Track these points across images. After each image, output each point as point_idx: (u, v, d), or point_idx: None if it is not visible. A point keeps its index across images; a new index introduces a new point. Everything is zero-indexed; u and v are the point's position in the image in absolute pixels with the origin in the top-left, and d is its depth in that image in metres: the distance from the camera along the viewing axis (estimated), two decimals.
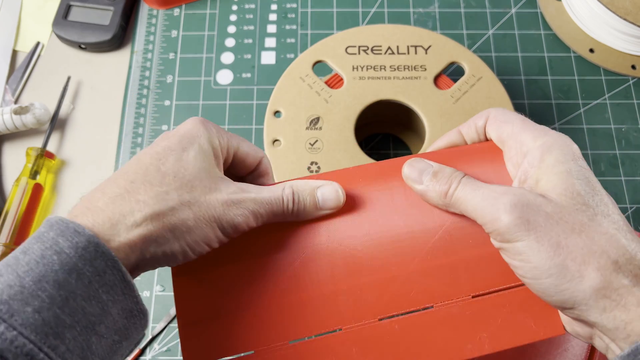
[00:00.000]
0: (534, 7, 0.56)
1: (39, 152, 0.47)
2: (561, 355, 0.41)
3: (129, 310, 0.23)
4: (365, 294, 0.27)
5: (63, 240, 0.21)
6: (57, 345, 0.20)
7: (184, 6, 0.57)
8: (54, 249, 0.21)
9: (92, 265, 0.22)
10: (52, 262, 0.21)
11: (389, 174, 0.29)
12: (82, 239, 0.22)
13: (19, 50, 0.55)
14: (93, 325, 0.21)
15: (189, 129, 0.26)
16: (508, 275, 0.26)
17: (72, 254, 0.21)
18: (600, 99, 0.52)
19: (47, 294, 0.20)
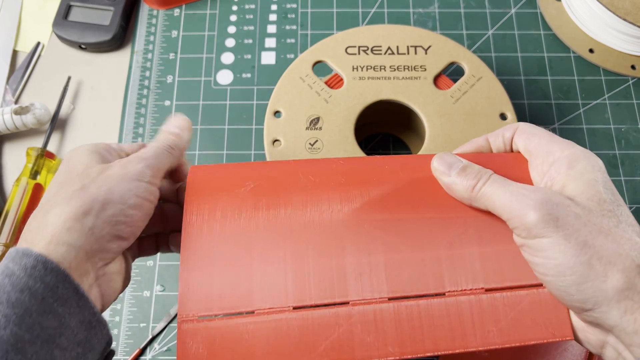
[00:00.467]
0: (534, 7, 0.56)
1: (39, 152, 0.47)
2: (561, 355, 0.41)
3: (88, 322, 0.24)
4: (376, 272, 0.27)
5: (13, 264, 0.23)
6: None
7: (184, 6, 0.57)
8: (5, 273, 0.23)
9: (43, 282, 0.23)
10: (4, 285, 0.22)
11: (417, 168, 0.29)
12: (31, 259, 0.23)
13: (19, 51, 0.55)
14: (53, 338, 0.22)
15: (65, 156, 0.29)
16: (524, 273, 0.27)
17: (21, 275, 0.22)
18: (600, 99, 0.52)
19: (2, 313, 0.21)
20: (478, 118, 0.41)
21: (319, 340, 0.25)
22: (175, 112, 0.32)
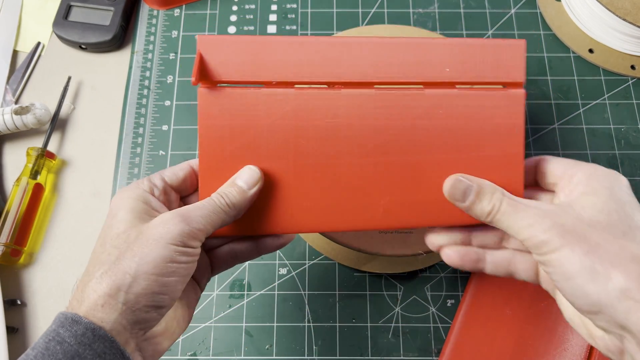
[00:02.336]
0: (534, 7, 0.56)
1: (39, 152, 0.47)
2: (560, 354, 0.41)
3: None
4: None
5: (63, 331, 0.24)
6: None
7: (184, 6, 0.57)
8: (56, 339, 0.24)
9: (92, 349, 0.24)
10: (56, 352, 0.23)
11: None
12: (80, 327, 0.24)
13: (19, 51, 0.55)
14: None
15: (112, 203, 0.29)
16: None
17: (72, 342, 0.24)
18: (600, 99, 0.52)
19: None
20: None
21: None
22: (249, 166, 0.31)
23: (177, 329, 0.29)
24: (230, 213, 0.28)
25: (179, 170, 0.31)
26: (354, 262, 0.45)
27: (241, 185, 0.29)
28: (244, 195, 0.29)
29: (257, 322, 0.44)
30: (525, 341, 0.42)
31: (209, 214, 0.27)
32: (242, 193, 0.29)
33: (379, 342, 0.44)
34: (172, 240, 0.26)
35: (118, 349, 0.24)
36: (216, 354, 0.43)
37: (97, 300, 0.25)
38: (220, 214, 0.28)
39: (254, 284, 0.45)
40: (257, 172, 0.30)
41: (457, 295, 0.45)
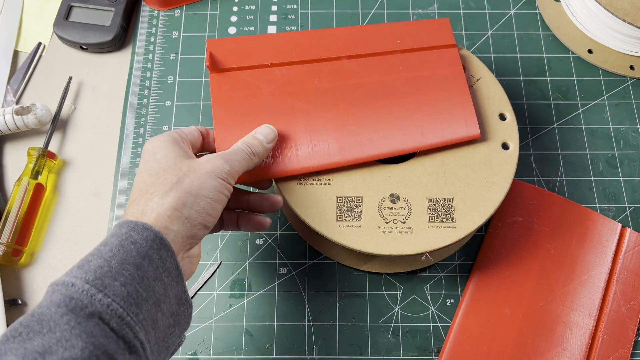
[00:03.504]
0: (533, 7, 0.56)
1: (40, 152, 0.48)
2: (560, 354, 0.42)
3: (180, 298, 0.29)
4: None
5: (136, 234, 0.28)
6: (137, 312, 0.26)
7: (185, 7, 0.57)
8: (130, 240, 0.27)
9: (158, 254, 0.28)
10: (130, 250, 0.27)
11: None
12: (151, 233, 0.28)
13: (20, 51, 0.55)
14: (159, 302, 0.27)
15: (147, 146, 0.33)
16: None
17: (144, 244, 0.27)
18: (599, 100, 0.52)
19: (129, 272, 0.26)
20: (478, 118, 0.41)
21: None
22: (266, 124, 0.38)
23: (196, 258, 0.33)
24: (253, 160, 0.35)
25: (194, 130, 0.37)
26: (354, 262, 0.45)
27: (261, 138, 0.36)
28: (263, 147, 0.35)
29: (257, 321, 0.44)
30: (524, 341, 0.42)
31: (241, 159, 0.33)
32: (261, 145, 0.35)
33: (379, 342, 0.44)
34: (220, 174, 0.31)
35: (175, 261, 0.28)
36: (216, 353, 0.43)
37: (164, 212, 0.29)
38: (248, 161, 0.34)
39: (254, 283, 0.46)
40: (274, 129, 0.37)
41: (457, 294, 0.45)
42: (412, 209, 0.38)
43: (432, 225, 0.37)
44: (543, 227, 0.46)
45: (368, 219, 0.37)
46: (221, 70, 0.40)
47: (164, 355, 0.29)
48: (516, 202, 0.46)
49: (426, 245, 0.37)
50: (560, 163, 0.50)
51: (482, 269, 0.44)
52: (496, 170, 0.39)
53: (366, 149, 0.38)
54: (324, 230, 0.37)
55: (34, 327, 0.23)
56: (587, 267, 0.44)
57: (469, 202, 0.38)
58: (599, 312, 0.43)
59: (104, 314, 0.24)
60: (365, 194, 0.38)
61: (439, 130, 0.39)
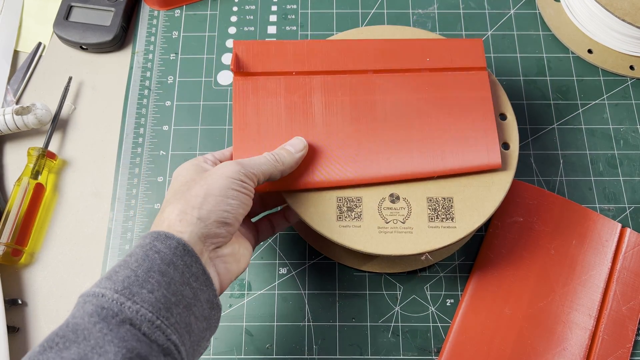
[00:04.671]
0: (533, 8, 0.56)
1: (40, 152, 0.48)
2: (560, 354, 0.42)
3: (211, 302, 0.30)
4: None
5: (159, 244, 0.29)
6: (168, 316, 0.27)
7: (185, 7, 0.57)
8: (154, 250, 0.29)
9: (182, 260, 0.29)
10: (155, 259, 0.28)
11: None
12: (173, 242, 0.29)
13: (20, 51, 0.55)
14: (190, 306, 0.28)
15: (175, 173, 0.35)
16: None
17: (167, 252, 0.28)
18: (599, 100, 0.52)
19: (155, 279, 0.27)
20: None
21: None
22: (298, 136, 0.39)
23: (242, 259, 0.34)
24: (278, 167, 0.35)
25: (227, 151, 0.39)
26: (354, 262, 0.45)
27: (289, 148, 0.37)
28: (291, 156, 0.36)
29: (257, 321, 0.44)
30: (524, 341, 0.42)
31: (260, 164, 0.34)
32: (289, 154, 0.36)
33: (379, 342, 0.44)
34: (231, 175, 0.32)
35: (201, 265, 0.29)
36: (216, 353, 0.43)
37: (175, 218, 0.30)
38: (269, 166, 0.35)
39: (254, 283, 0.46)
40: (304, 140, 0.38)
41: (457, 294, 0.45)
42: (412, 209, 0.38)
43: (432, 225, 0.37)
44: (543, 227, 0.46)
45: (368, 219, 0.37)
46: (245, 74, 0.39)
47: (197, 358, 0.30)
48: (516, 202, 0.46)
49: (426, 245, 0.37)
50: (560, 163, 0.50)
51: (482, 269, 0.44)
52: (496, 170, 0.39)
53: (383, 169, 0.38)
54: (324, 230, 0.37)
55: (69, 336, 0.25)
56: (587, 267, 0.44)
57: (468, 202, 0.38)
58: (599, 312, 0.43)
59: (134, 319, 0.26)
60: (365, 194, 0.38)
61: (459, 156, 0.39)
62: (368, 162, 0.38)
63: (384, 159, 0.38)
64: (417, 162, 0.38)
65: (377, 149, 0.38)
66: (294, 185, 0.37)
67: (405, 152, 0.38)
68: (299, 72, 0.40)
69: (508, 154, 0.40)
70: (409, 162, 0.38)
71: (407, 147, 0.39)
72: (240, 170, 0.33)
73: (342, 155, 0.38)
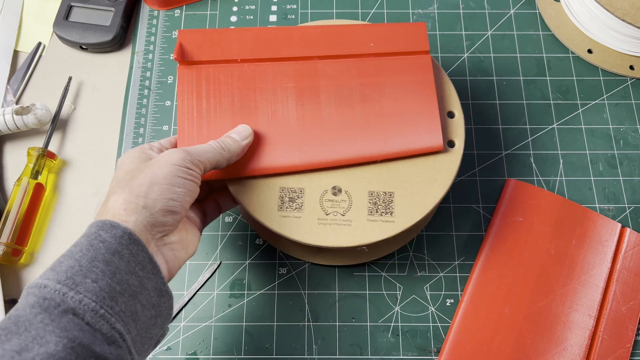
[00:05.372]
0: (533, 7, 0.56)
1: (40, 152, 0.48)
2: (560, 354, 0.42)
3: (159, 289, 0.30)
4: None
5: (104, 233, 0.29)
6: (112, 305, 0.27)
7: (185, 7, 0.57)
8: (99, 239, 0.28)
9: (128, 249, 0.29)
10: (99, 248, 0.28)
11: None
12: (119, 230, 0.29)
13: (20, 51, 0.55)
14: (136, 294, 0.28)
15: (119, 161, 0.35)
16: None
17: (113, 242, 0.28)
18: (599, 100, 0.52)
19: (100, 269, 0.27)
20: None
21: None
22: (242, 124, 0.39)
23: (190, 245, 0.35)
24: (224, 155, 0.35)
25: (172, 138, 0.39)
26: (302, 254, 0.45)
27: (234, 136, 0.37)
28: (237, 144, 0.36)
29: (257, 321, 0.44)
30: (524, 341, 0.42)
31: (205, 151, 0.34)
32: (235, 142, 0.36)
33: (379, 342, 0.44)
34: (176, 162, 0.32)
35: (147, 253, 0.29)
36: (216, 353, 0.43)
37: (119, 207, 0.30)
38: (215, 154, 0.35)
39: (254, 283, 0.46)
40: (249, 128, 0.38)
41: (457, 294, 0.45)
42: (352, 202, 0.38)
43: (371, 219, 0.38)
44: (543, 227, 0.46)
45: (309, 211, 0.38)
46: (190, 62, 0.40)
47: (147, 345, 0.30)
48: (516, 202, 0.46)
49: (363, 238, 0.37)
50: (560, 163, 0.50)
51: (482, 269, 0.45)
52: (439, 167, 0.39)
53: (327, 155, 0.38)
54: (264, 219, 0.38)
55: (10, 328, 0.25)
56: (587, 267, 0.44)
57: (409, 197, 0.38)
58: (599, 312, 0.43)
59: (77, 309, 0.26)
60: (308, 185, 0.38)
61: (402, 140, 0.39)
62: (312, 148, 0.38)
63: (328, 144, 0.39)
64: (361, 147, 0.39)
65: (321, 134, 0.39)
66: (240, 172, 0.38)
67: (349, 137, 0.39)
68: (243, 59, 0.40)
69: (453, 152, 0.40)
70: (353, 147, 0.39)
71: (351, 132, 0.39)
72: (187, 157, 0.33)
73: (287, 141, 0.38)
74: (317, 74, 0.40)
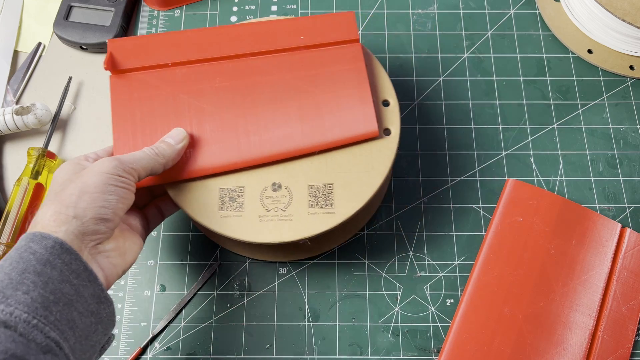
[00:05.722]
0: (533, 7, 0.57)
1: (40, 152, 0.48)
2: (560, 354, 0.42)
3: (97, 296, 0.30)
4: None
5: (34, 245, 0.29)
6: (46, 315, 0.27)
7: (185, 7, 0.57)
8: (29, 251, 0.28)
9: (60, 258, 0.29)
10: (30, 259, 0.28)
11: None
12: (50, 241, 0.29)
13: (20, 51, 0.55)
14: (72, 302, 0.28)
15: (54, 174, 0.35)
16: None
17: (43, 252, 0.28)
18: (599, 100, 0.52)
19: (31, 280, 0.27)
20: None
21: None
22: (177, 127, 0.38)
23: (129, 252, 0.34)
24: (159, 160, 0.36)
25: (109, 148, 0.39)
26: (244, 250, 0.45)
27: (169, 141, 0.37)
28: (172, 148, 0.37)
29: (257, 321, 0.44)
30: (524, 341, 0.42)
31: (139, 158, 0.35)
32: (170, 146, 0.37)
33: (379, 342, 0.44)
34: (107, 170, 0.32)
35: (81, 261, 0.29)
36: (216, 353, 0.43)
37: (49, 218, 0.30)
38: (150, 160, 0.35)
39: (254, 283, 0.46)
40: (183, 131, 0.38)
41: (457, 294, 0.45)
42: (293, 197, 0.38)
43: (311, 212, 0.38)
44: (543, 227, 0.46)
45: (249, 209, 0.38)
46: (121, 71, 0.40)
47: (89, 353, 0.30)
48: (516, 202, 0.46)
49: (305, 231, 0.37)
50: (560, 163, 0.50)
51: (482, 269, 0.45)
52: (376, 155, 0.39)
53: (266, 150, 0.38)
54: (205, 220, 0.38)
55: None
56: (587, 267, 0.44)
57: (348, 187, 0.38)
58: (599, 312, 0.43)
59: (8, 322, 0.26)
60: (248, 183, 0.39)
61: (338, 128, 0.39)
62: (250, 145, 0.38)
63: (266, 140, 0.39)
64: (298, 140, 0.39)
65: (258, 131, 0.39)
66: (178, 176, 0.38)
67: (286, 131, 0.39)
68: (175, 63, 0.40)
69: (389, 140, 0.40)
70: (291, 141, 0.39)
71: (288, 125, 0.39)
72: (118, 165, 0.33)
73: (223, 141, 0.39)
74: (251, 71, 0.40)
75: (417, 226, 0.47)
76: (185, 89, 0.40)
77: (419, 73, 0.53)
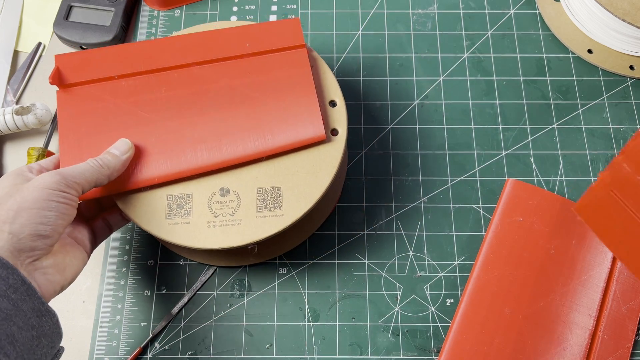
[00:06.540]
0: (533, 7, 0.57)
1: (40, 152, 0.48)
2: (560, 354, 0.42)
3: (38, 310, 0.29)
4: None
5: None
6: None
7: (185, 7, 0.57)
8: None
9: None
10: None
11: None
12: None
13: (20, 51, 0.55)
14: (10, 317, 0.28)
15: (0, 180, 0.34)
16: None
17: None
18: (599, 100, 0.52)
19: None
20: None
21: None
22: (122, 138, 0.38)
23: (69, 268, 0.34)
24: (103, 172, 0.35)
25: (54, 158, 0.38)
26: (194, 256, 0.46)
27: (114, 152, 0.37)
28: (117, 159, 0.36)
29: (257, 321, 0.44)
30: (524, 341, 0.42)
31: (83, 171, 0.34)
32: (115, 157, 0.36)
33: (379, 341, 0.44)
34: (48, 186, 0.31)
35: (19, 275, 0.29)
36: (216, 353, 0.43)
37: None
38: (94, 172, 0.35)
39: (254, 283, 0.46)
40: (128, 142, 0.38)
41: (457, 294, 0.45)
42: (241, 201, 0.38)
43: (260, 216, 0.38)
44: (543, 227, 0.46)
45: (197, 215, 0.38)
46: (67, 85, 0.40)
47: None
48: (516, 202, 0.46)
49: (253, 235, 0.37)
50: (560, 163, 0.50)
51: (482, 269, 0.45)
52: (324, 157, 0.39)
53: (214, 157, 0.38)
54: (152, 229, 0.38)
55: None
56: (587, 267, 0.44)
57: (296, 189, 0.38)
58: (599, 312, 0.43)
59: None
60: (196, 190, 0.39)
61: (286, 133, 0.39)
62: (197, 153, 0.39)
63: (213, 147, 0.39)
64: (246, 146, 0.39)
65: (205, 138, 0.39)
66: (125, 186, 0.38)
67: (234, 138, 0.39)
68: (121, 75, 0.40)
69: (336, 140, 0.40)
70: (238, 147, 0.39)
71: (236, 132, 0.39)
72: (60, 180, 0.32)
73: (170, 149, 0.39)
74: (197, 80, 0.41)
75: (417, 226, 0.47)
76: (131, 100, 0.40)
77: (419, 73, 0.53)
